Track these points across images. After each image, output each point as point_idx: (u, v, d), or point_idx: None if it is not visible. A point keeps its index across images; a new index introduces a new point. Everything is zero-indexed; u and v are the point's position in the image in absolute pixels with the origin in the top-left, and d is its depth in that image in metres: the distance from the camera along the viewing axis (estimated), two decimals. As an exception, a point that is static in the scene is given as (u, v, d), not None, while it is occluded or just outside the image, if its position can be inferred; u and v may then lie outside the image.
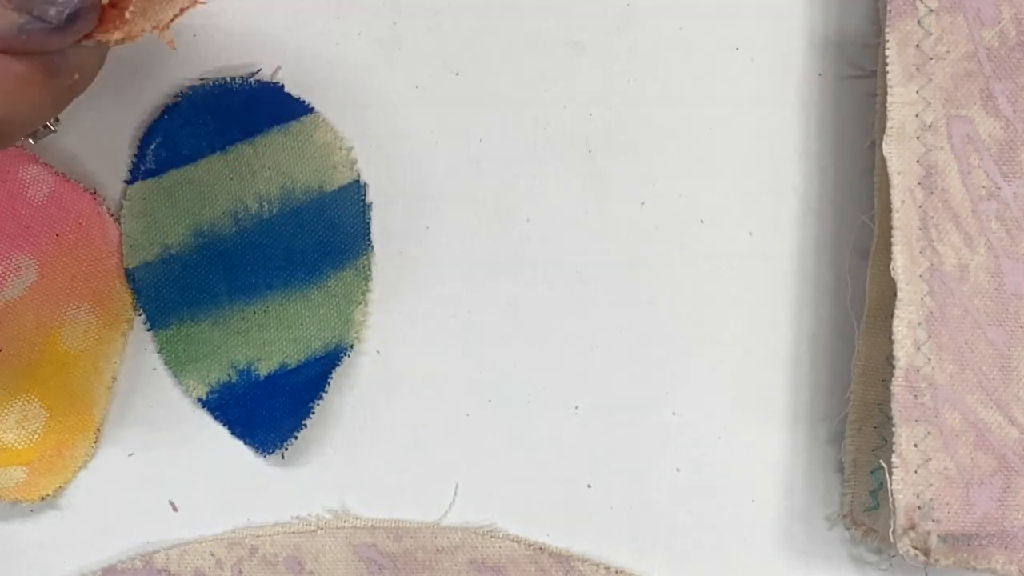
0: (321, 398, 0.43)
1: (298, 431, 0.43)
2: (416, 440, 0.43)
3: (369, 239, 0.44)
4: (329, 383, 0.43)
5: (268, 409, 0.43)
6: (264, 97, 0.43)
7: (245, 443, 0.43)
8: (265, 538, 0.42)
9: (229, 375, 0.43)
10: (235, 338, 0.43)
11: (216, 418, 0.43)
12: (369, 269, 0.44)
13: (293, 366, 0.43)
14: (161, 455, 0.43)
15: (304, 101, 0.44)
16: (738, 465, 0.43)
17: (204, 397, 0.43)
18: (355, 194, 0.44)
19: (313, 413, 0.43)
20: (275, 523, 0.43)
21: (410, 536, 0.42)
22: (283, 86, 0.44)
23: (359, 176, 0.44)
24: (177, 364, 0.43)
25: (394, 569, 0.42)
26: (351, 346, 0.43)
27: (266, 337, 0.43)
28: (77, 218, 0.43)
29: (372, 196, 0.44)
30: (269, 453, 0.43)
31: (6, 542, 0.43)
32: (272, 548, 0.42)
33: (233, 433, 0.43)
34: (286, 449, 0.43)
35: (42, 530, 0.43)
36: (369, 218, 0.44)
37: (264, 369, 0.43)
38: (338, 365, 0.43)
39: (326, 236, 0.43)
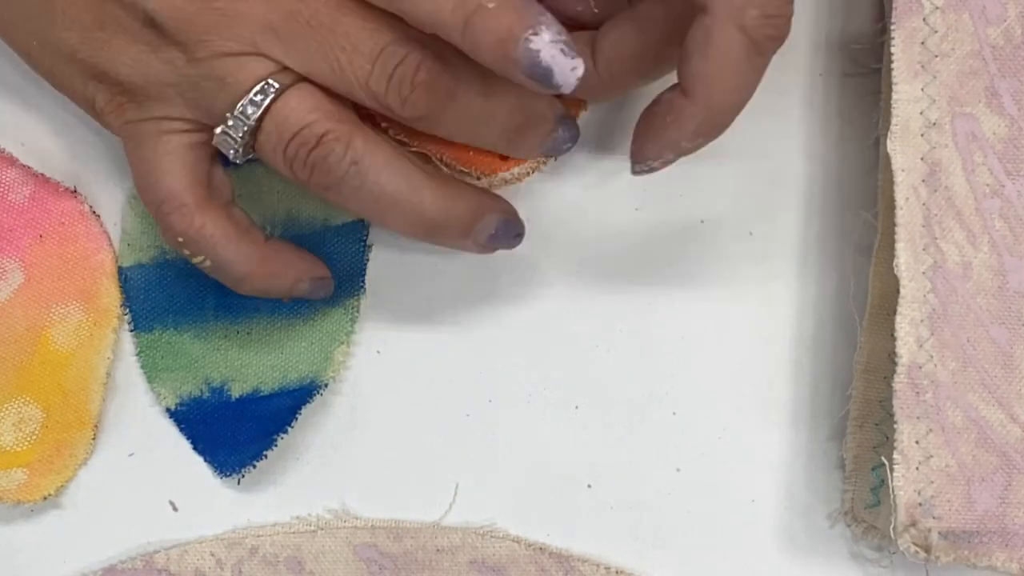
0: (287, 432, 0.42)
1: (258, 460, 0.42)
2: (416, 440, 0.43)
3: (363, 281, 0.44)
4: (297, 418, 0.43)
5: (233, 432, 0.43)
6: None
7: (204, 460, 0.43)
8: (265, 538, 0.42)
9: (201, 390, 0.43)
10: (214, 355, 0.43)
11: (181, 431, 0.43)
12: (357, 311, 0.43)
13: (265, 393, 0.43)
14: (161, 455, 0.43)
15: None
16: (738, 464, 0.43)
17: (172, 408, 0.43)
18: (357, 233, 0.44)
19: (276, 446, 0.42)
20: (275, 523, 0.43)
21: (410, 536, 0.42)
22: None
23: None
24: (152, 370, 0.43)
25: (394, 569, 0.42)
26: (325, 385, 0.43)
27: (244, 359, 0.43)
28: (59, 218, 0.43)
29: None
30: (227, 476, 0.43)
31: (7, 542, 0.43)
32: (272, 548, 0.42)
33: (195, 449, 0.43)
34: (243, 476, 0.43)
35: (42, 530, 0.43)
36: (367, 260, 0.44)
37: (237, 391, 0.43)
38: (309, 402, 0.43)
39: None
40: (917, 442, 0.39)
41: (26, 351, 0.43)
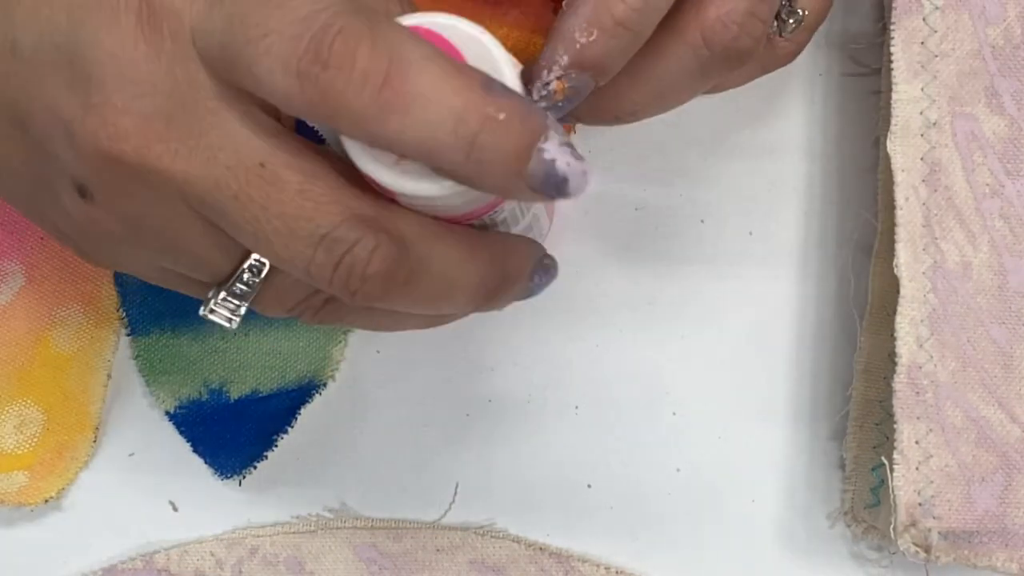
0: (286, 432, 0.43)
1: (258, 461, 0.43)
2: (416, 440, 0.43)
3: None
4: (296, 418, 0.43)
5: (233, 433, 0.43)
6: None
7: (205, 463, 0.43)
8: (265, 538, 0.42)
9: (200, 392, 0.43)
10: (212, 357, 0.43)
11: (181, 433, 0.43)
12: None
13: (264, 394, 0.43)
14: (161, 455, 0.43)
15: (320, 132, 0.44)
16: (738, 464, 0.43)
17: (171, 411, 0.43)
18: None
19: (275, 446, 0.43)
20: (275, 523, 0.43)
21: (410, 536, 0.42)
22: None
23: None
24: (151, 374, 0.43)
25: (394, 569, 0.42)
26: (324, 384, 0.43)
27: (242, 360, 0.43)
28: (61, 220, 0.43)
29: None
30: (227, 477, 0.43)
31: (7, 543, 0.43)
32: (272, 548, 0.42)
33: (195, 451, 0.43)
34: (244, 477, 0.43)
35: (43, 531, 0.43)
36: None
37: (235, 392, 0.43)
38: (308, 401, 0.43)
39: None
40: (917, 442, 0.39)
41: (27, 353, 0.43)
